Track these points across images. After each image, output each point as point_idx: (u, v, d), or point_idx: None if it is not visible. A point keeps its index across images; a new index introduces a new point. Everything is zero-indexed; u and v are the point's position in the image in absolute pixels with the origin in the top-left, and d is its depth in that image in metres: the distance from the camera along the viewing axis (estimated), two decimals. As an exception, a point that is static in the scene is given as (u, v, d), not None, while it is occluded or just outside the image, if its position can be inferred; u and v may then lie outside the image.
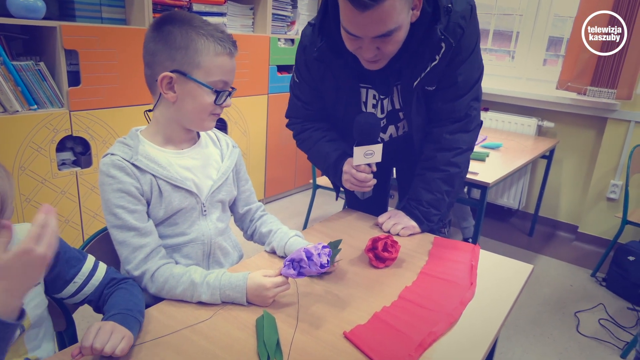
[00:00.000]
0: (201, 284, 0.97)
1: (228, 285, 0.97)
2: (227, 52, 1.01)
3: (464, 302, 1.03)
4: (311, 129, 1.46)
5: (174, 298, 0.99)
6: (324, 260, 0.93)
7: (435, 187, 1.38)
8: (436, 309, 1.00)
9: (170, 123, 1.07)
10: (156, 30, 1.01)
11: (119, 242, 1.00)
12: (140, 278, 1.00)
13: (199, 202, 1.10)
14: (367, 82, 1.34)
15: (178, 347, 0.84)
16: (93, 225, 2.37)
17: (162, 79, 1.00)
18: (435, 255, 1.26)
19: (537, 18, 3.21)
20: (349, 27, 1.07)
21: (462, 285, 1.10)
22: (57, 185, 2.19)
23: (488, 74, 3.42)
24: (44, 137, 2.09)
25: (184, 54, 0.98)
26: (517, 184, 3.28)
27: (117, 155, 1.01)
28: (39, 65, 2.05)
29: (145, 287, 1.00)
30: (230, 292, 0.97)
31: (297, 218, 3.21)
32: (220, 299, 0.97)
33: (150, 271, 0.99)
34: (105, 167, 1.01)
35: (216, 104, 1.04)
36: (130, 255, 1.00)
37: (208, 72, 1.00)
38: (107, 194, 1.00)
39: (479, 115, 1.40)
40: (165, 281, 0.98)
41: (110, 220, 1.01)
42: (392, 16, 1.04)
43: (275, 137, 3.34)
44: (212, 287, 0.97)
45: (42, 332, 0.92)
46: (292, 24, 3.32)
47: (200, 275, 0.98)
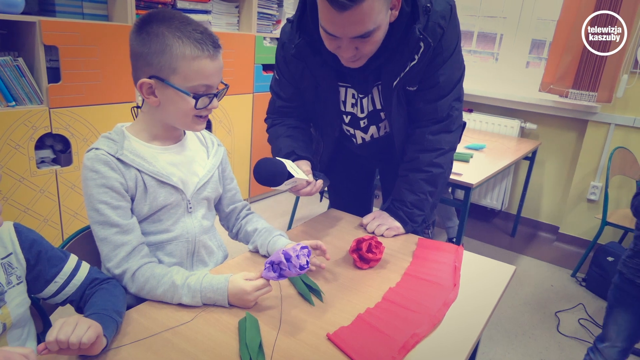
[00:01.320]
0: (182, 286, 0.96)
1: (209, 288, 0.96)
2: (206, 55, 0.96)
3: (447, 304, 1.03)
4: (279, 124, 1.46)
5: (154, 299, 0.97)
6: (302, 261, 0.92)
7: (418, 188, 1.38)
8: (419, 310, 1.00)
9: (156, 122, 1.05)
10: (137, 32, 0.98)
11: (100, 239, 0.98)
12: (120, 277, 0.98)
13: (185, 198, 1.08)
14: (346, 81, 1.34)
15: (158, 350, 0.83)
16: (73, 225, 2.32)
17: (140, 85, 0.99)
18: (419, 256, 1.26)
19: (521, 21, 3.25)
20: (328, 27, 1.07)
21: (445, 287, 1.10)
22: (36, 184, 2.14)
23: (472, 75, 3.46)
24: (22, 135, 2.04)
25: (160, 59, 0.95)
26: (500, 185, 3.32)
27: (101, 150, 0.98)
28: (18, 61, 2.00)
29: (126, 286, 0.98)
30: (211, 294, 0.96)
31: (281, 218, 3.20)
32: (201, 301, 0.96)
33: (131, 270, 0.97)
34: (90, 161, 0.98)
35: (196, 108, 1.00)
36: (111, 252, 0.98)
37: (186, 78, 0.96)
38: (91, 189, 0.97)
39: (461, 115, 1.41)
40: (145, 281, 0.97)
41: (92, 216, 0.98)
42: (370, 16, 1.04)
43: (261, 136, 3.32)
44: (193, 290, 0.95)
45: (26, 332, 0.90)
46: (278, 22, 3.31)
47: (182, 277, 0.97)
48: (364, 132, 1.45)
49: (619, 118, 2.83)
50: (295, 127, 1.44)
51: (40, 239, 0.90)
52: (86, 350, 0.75)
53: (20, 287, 0.86)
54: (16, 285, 0.85)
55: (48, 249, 0.91)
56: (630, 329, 1.48)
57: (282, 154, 1.36)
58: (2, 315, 0.82)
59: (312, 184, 1.28)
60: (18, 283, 0.85)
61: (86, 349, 0.74)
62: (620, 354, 1.51)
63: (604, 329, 1.54)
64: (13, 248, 0.86)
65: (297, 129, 1.44)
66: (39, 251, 0.88)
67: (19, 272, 0.86)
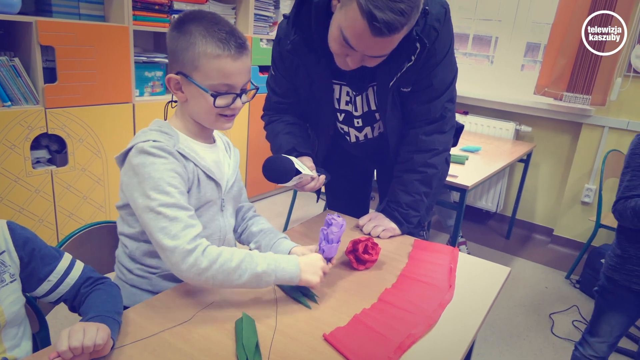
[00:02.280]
0: (257, 255, 0.98)
1: (282, 258, 0.99)
2: (227, 55, 0.97)
3: (442, 305, 1.04)
4: (277, 120, 1.47)
5: (223, 274, 0.93)
6: (340, 220, 1.06)
7: (413, 189, 1.39)
8: (415, 311, 1.00)
9: (189, 119, 1.07)
10: (171, 29, 1.01)
11: (170, 218, 0.92)
12: (190, 252, 0.91)
13: (220, 196, 1.11)
14: (341, 79, 1.35)
15: (156, 350, 0.83)
16: (68, 225, 2.31)
17: (168, 80, 1.02)
18: (415, 257, 1.27)
19: (516, 24, 3.27)
20: (353, 41, 1.07)
21: (441, 288, 1.11)
22: (31, 184, 2.13)
23: (468, 77, 3.47)
24: (17, 135, 2.04)
25: (185, 55, 0.98)
26: (495, 187, 3.33)
27: (161, 142, 0.98)
28: (14, 61, 2.00)
29: (194, 263, 0.91)
30: (285, 264, 0.98)
31: (277, 219, 3.20)
32: (275, 270, 0.97)
33: (203, 245, 0.94)
34: (154, 149, 0.96)
35: (215, 106, 1.01)
36: (181, 231, 0.92)
37: (206, 75, 0.98)
38: (159, 172, 0.95)
39: (453, 117, 1.42)
40: (219, 254, 0.93)
41: (158, 199, 0.93)
42: (394, 44, 1.09)
43: (257, 138, 3.32)
44: (268, 258, 0.98)
45: (22, 331, 0.90)
46: (275, 24, 3.31)
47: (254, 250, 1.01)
48: (358, 131, 1.46)
49: (613, 121, 2.85)
50: (293, 123, 1.45)
51: (34, 237, 0.90)
52: (97, 353, 0.76)
53: (13, 285, 0.86)
54: (9, 284, 0.85)
55: (42, 247, 0.90)
56: (623, 328, 1.49)
57: (282, 151, 1.36)
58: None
59: (316, 179, 1.30)
60: (11, 281, 0.85)
61: (96, 353, 0.76)
62: (610, 347, 1.53)
63: (595, 327, 1.55)
64: (6, 246, 0.85)
65: (295, 125, 1.45)
66: (32, 249, 0.88)
67: (12, 270, 0.86)
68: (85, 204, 2.37)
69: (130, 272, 1.09)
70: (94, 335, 0.74)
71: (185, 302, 0.99)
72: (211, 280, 0.93)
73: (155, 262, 1.07)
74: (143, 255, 1.07)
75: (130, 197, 0.98)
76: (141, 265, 1.08)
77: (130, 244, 1.08)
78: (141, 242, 1.06)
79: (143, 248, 1.07)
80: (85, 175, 2.33)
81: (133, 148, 0.98)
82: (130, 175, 0.98)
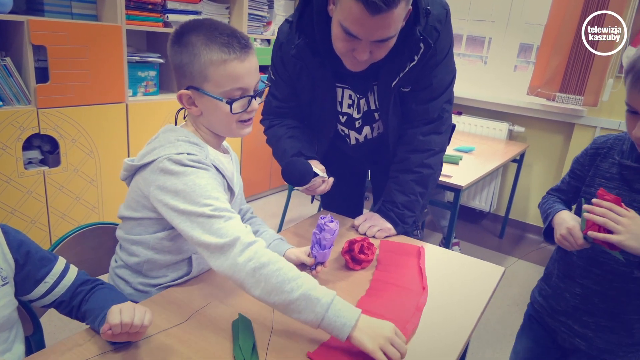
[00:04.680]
0: (316, 282, 0.88)
1: (344, 302, 0.87)
2: (233, 57, 0.95)
3: (419, 308, 1.02)
4: (278, 125, 1.46)
5: (277, 278, 0.85)
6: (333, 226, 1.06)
7: (409, 189, 1.39)
8: (395, 318, 0.95)
9: (205, 130, 1.06)
10: (171, 44, 0.99)
11: (226, 218, 0.90)
12: (250, 244, 0.88)
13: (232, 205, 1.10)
14: (344, 82, 1.34)
15: (152, 351, 0.83)
16: (61, 227, 2.29)
17: (180, 97, 0.99)
18: (383, 261, 1.23)
19: (509, 25, 3.29)
20: (353, 28, 1.06)
21: (415, 291, 1.09)
22: (23, 185, 2.11)
23: (461, 78, 3.47)
24: (9, 135, 2.02)
25: (192, 68, 0.96)
26: (488, 187, 3.35)
27: (196, 155, 0.95)
28: (5, 60, 1.98)
29: (253, 256, 0.87)
30: (342, 306, 0.85)
31: (272, 219, 3.19)
32: (330, 305, 0.84)
33: (263, 244, 0.91)
34: (192, 162, 0.94)
35: (232, 113, 0.98)
36: (240, 228, 0.90)
37: (217, 84, 0.96)
38: (204, 180, 0.93)
39: (450, 117, 1.42)
40: (280, 259, 0.88)
41: (211, 204, 0.90)
42: (396, 23, 1.07)
43: (251, 138, 3.31)
44: (329, 291, 0.87)
45: (13, 334, 0.89)
46: (269, 24, 3.31)
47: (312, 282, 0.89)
48: (358, 132, 1.46)
49: (605, 121, 2.88)
50: (295, 127, 1.44)
51: (28, 240, 0.90)
52: (135, 336, 0.80)
53: (5, 288, 0.85)
54: (1, 287, 0.84)
55: (37, 250, 0.90)
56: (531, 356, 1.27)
57: (288, 155, 1.36)
58: None
59: (326, 181, 1.30)
60: (3, 284, 0.84)
61: (134, 335, 0.80)
62: None
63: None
64: (0, 248, 0.85)
65: (297, 128, 1.44)
66: (27, 251, 0.88)
67: (5, 273, 0.85)
68: (78, 204, 2.35)
69: (130, 285, 1.05)
70: (142, 316, 0.78)
71: (181, 303, 0.98)
72: (263, 281, 0.85)
73: (163, 272, 1.05)
74: (150, 267, 1.04)
75: (168, 206, 0.92)
76: (144, 278, 1.05)
77: (141, 253, 1.03)
78: (151, 251, 1.03)
79: (152, 258, 1.03)
80: (78, 176, 2.31)
81: (164, 158, 0.94)
82: (165, 182, 0.93)
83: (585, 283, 1.03)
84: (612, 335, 1.01)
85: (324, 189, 1.30)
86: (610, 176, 1.00)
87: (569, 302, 1.07)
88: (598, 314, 1.02)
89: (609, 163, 1.02)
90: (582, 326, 1.04)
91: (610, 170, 1.01)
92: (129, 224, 1.05)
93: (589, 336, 1.04)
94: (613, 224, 0.87)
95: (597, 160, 1.05)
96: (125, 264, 1.07)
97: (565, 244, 0.99)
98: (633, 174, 0.94)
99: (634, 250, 0.86)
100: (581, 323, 1.05)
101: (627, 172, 0.96)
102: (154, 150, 0.97)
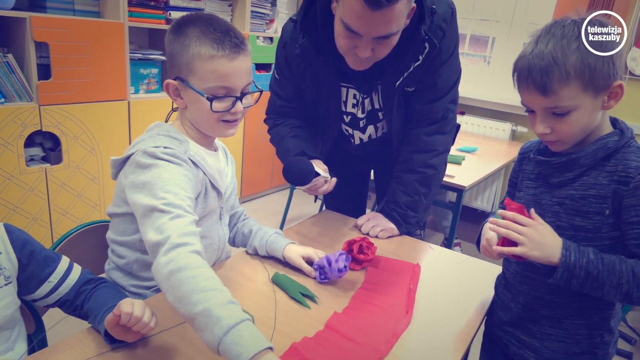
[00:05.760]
0: (234, 303, 0.76)
1: (252, 332, 0.72)
2: (221, 55, 0.93)
3: (396, 334, 0.93)
4: (281, 124, 1.45)
5: (188, 286, 0.75)
6: (341, 265, 1.06)
7: (412, 189, 1.39)
8: (364, 342, 0.89)
9: (191, 125, 1.05)
10: (168, 34, 0.99)
11: (172, 216, 0.84)
12: (176, 245, 0.80)
13: (219, 205, 1.09)
14: (349, 82, 1.34)
15: (154, 350, 0.82)
16: (63, 224, 2.29)
17: (167, 86, 0.99)
18: (371, 278, 1.14)
19: (513, 24, 3.28)
20: (354, 24, 1.06)
21: (396, 314, 1.00)
22: (25, 182, 2.11)
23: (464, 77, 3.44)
24: (11, 132, 2.01)
25: (180, 59, 0.95)
26: (490, 187, 3.34)
27: (173, 149, 0.94)
28: (7, 57, 1.97)
29: (174, 258, 0.78)
30: (249, 338, 0.70)
31: (273, 218, 3.19)
32: (229, 330, 0.70)
33: (194, 247, 0.81)
34: (165, 155, 0.92)
35: (213, 111, 0.96)
36: (177, 229, 0.82)
37: (202, 78, 0.94)
38: (171, 174, 0.90)
39: (455, 118, 1.42)
40: (203, 264, 0.79)
41: (166, 197, 0.86)
42: (397, 19, 1.05)
43: (252, 136, 3.30)
44: (239, 314, 0.73)
45: (15, 333, 0.89)
46: (271, 22, 3.30)
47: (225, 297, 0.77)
48: (362, 132, 1.46)
49: (608, 122, 2.86)
50: (299, 126, 1.43)
51: (32, 239, 0.90)
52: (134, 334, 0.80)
53: (8, 288, 0.84)
54: (4, 286, 0.84)
55: (41, 249, 0.90)
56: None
57: (291, 154, 1.35)
58: None
59: (329, 181, 1.30)
60: (6, 284, 0.84)
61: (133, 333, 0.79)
62: None
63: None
64: (4, 248, 0.84)
65: (301, 128, 1.43)
66: (31, 251, 0.88)
67: (8, 272, 0.84)
68: (80, 202, 2.35)
69: (123, 288, 1.04)
70: (151, 315, 0.78)
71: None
72: (175, 287, 0.75)
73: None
74: (141, 268, 1.03)
75: (133, 199, 0.90)
76: (136, 280, 1.04)
77: (127, 254, 1.03)
78: (138, 252, 1.02)
79: (141, 259, 1.02)
80: (80, 174, 2.31)
81: (140, 151, 0.92)
82: (137, 175, 0.91)
83: (525, 290, 1.00)
84: (558, 344, 0.96)
85: (326, 189, 1.30)
86: (534, 177, 1.00)
87: (513, 312, 1.02)
88: (541, 321, 0.98)
89: (531, 164, 1.01)
90: (529, 336, 1.00)
91: (533, 171, 1.00)
92: (115, 222, 1.05)
93: (536, 346, 0.99)
94: (516, 235, 0.86)
95: (523, 164, 1.05)
96: (117, 266, 1.06)
97: (487, 254, 0.99)
98: (548, 169, 0.94)
99: (540, 260, 0.85)
100: (528, 333, 1.00)
101: (543, 169, 0.96)
102: (136, 144, 0.97)
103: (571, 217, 0.91)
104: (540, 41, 0.86)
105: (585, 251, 0.85)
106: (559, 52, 0.84)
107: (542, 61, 0.84)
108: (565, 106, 0.85)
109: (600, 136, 0.90)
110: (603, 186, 0.87)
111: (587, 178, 0.90)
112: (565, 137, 0.89)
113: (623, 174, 0.85)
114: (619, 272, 0.83)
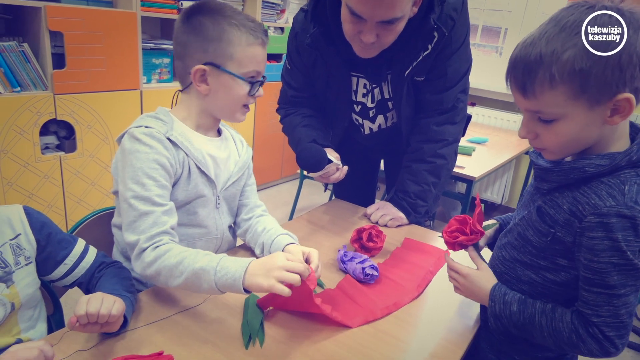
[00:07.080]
0: (204, 253, 0.89)
1: (232, 258, 0.87)
2: (259, 42, 1.01)
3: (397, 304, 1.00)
4: (293, 113, 1.46)
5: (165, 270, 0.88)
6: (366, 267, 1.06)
7: (421, 179, 1.40)
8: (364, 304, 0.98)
9: (201, 112, 1.06)
10: (186, 21, 1.00)
11: (140, 212, 0.91)
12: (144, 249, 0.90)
13: (215, 193, 1.09)
14: (359, 71, 1.34)
15: (169, 331, 0.85)
16: (77, 211, 2.33)
17: (195, 72, 0.99)
18: (397, 255, 1.21)
19: (525, 15, 3.24)
20: (357, 6, 1.06)
21: (406, 288, 1.06)
22: (40, 170, 2.15)
23: (475, 68, 3.42)
24: (27, 120, 2.05)
25: (216, 45, 0.98)
26: (500, 179, 3.33)
27: (153, 128, 0.97)
28: (23, 46, 2.00)
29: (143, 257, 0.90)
30: (230, 263, 0.85)
31: (283, 208, 3.21)
32: (215, 268, 0.84)
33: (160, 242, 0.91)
34: (142, 136, 0.95)
35: (250, 95, 1.03)
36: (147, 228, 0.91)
37: (241, 64, 1.00)
38: (141, 162, 0.94)
39: (465, 108, 1.42)
40: (167, 250, 0.89)
41: (133, 189, 0.92)
42: (401, 3, 1.06)
43: (263, 126, 3.32)
44: (214, 256, 0.87)
45: (37, 313, 0.92)
46: (282, 12, 3.30)
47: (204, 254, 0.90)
48: (371, 122, 1.46)
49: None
50: (310, 116, 1.44)
51: (50, 221, 0.92)
52: (108, 327, 0.78)
53: (29, 267, 0.87)
54: (25, 266, 0.86)
55: (58, 232, 0.93)
56: None
57: (303, 143, 1.35)
58: (10, 295, 0.84)
59: (340, 169, 1.30)
60: (27, 264, 0.87)
61: (108, 326, 0.77)
62: None
63: None
64: (23, 229, 0.87)
65: (312, 117, 1.44)
66: (49, 233, 0.90)
67: (28, 253, 0.87)
68: (94, 190, 2.39)
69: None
70: (110, 306, 0.76)
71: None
72: (156, 276, 0.89)
73: None
74: None
75: (116, 183, 1.00)
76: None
77: (121, 239, 1.03)
78: None
79: None
80: (94, 162, 2.34)
81: (127, 133, 0.98)
82: (118, 159, 0.99)
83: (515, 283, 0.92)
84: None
85: (337, 176, 1.30)
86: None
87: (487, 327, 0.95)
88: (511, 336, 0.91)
89: None
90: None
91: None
92: (116, 203, 1.06)
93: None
94: (454, 282, 0.96)
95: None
96: (118, 250, 1.10)
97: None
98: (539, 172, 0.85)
99: (475, 300, 0.94)
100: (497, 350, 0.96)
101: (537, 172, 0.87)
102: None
103: (526, 228, 0.86)
104: (541, 29, 0.73)
105: (510, 302, 0.85)
106: (550, 47, 0.70)
107: (528, 56, 0.72)
108: (549, 112, 0.73)
109: (606, 152, 0.77)
110: (561, 211, 0.79)
111: (557, 195, 0.81)
112: (551, 147, 0.79)
113: (580, 208, 0.75)
114: (539, 326, 0.82)
